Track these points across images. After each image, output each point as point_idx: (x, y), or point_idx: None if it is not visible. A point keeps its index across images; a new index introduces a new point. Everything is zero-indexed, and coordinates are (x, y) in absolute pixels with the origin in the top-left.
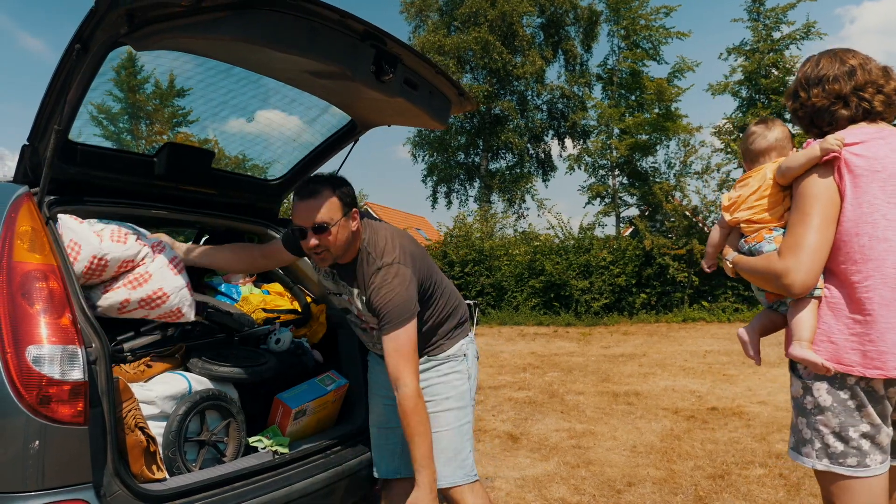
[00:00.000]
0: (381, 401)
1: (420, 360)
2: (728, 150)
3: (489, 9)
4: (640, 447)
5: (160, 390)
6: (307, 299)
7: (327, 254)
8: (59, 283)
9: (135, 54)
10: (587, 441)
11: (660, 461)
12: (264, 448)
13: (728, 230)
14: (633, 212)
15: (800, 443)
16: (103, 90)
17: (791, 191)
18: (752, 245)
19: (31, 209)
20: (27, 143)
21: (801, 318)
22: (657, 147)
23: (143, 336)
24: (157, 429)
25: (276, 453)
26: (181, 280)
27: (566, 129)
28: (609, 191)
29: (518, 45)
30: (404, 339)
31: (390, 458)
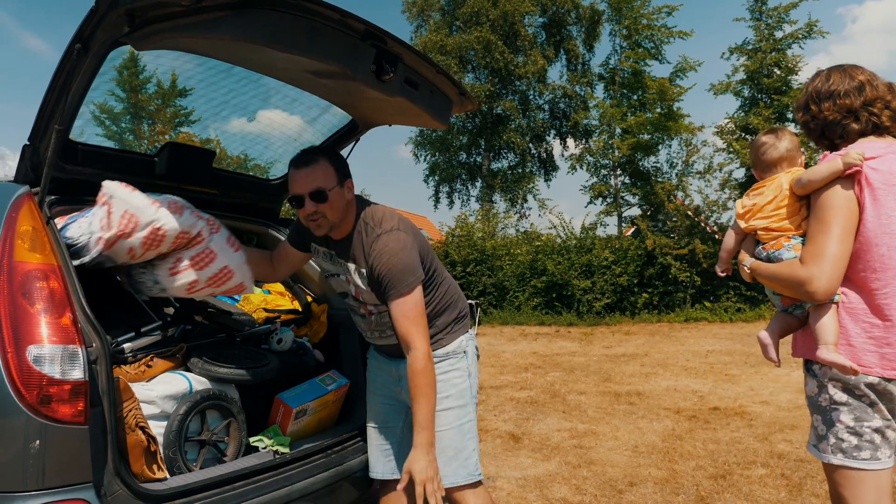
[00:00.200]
0: (379, 399)
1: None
2: (730, 149)
3: (491, 8)
4: (641, 447)
5: (161, 390)
6: (308, 299)
7: (323, 220)
8: (60, 282)
9: (136, 54)
10: (589, 441)
11: (661, 461)
12: (265, 448)
13: (742, 237)
14: (634, 211)
15: (817, 439)
16: (105, 90)
17: (807, 201)
18: (771, 252)
19: (32, 209)
20: (28, 143)
21: (824, 324)
22: (659, 147)
23: (144, 336)
24: (158, 428)
25: (276, 453)
26: (241, 255)
27: (568, 128)
28: (611, 190)
29: (520, 45)
30: (411, 304)
31: (387, 459)
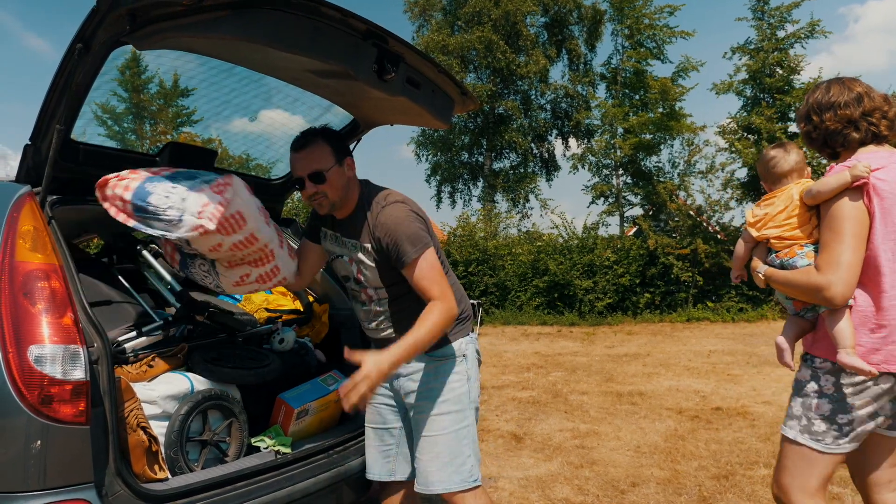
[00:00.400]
0: (377, 399)
1: (416, 356)
2: (732, 149)
3: (493, 8)
4: (643, 447)
5: (162, 390)
6: (309, 299)
7: (325, 200)
8: (61, 282)
9: (139, 54)
10: (591, 441)
11: (664, 461)
12: (266, 448)
13: (753, 245)
14: (636, 211)
15: (789, 417)
16: (107, 90)
17: (817, 210)
18: (785, 260)
19: (34, 209)
20: (29, 143)
21: (841, 328)
22: (661, 146)
23: (145, 336)
24: (160, 428)
25: (278, 453)
26: (286, 250)
27: (570, 128)
28: (613, 190)
29: (522, 45)
30: (426, 266)
31: (385, 460)
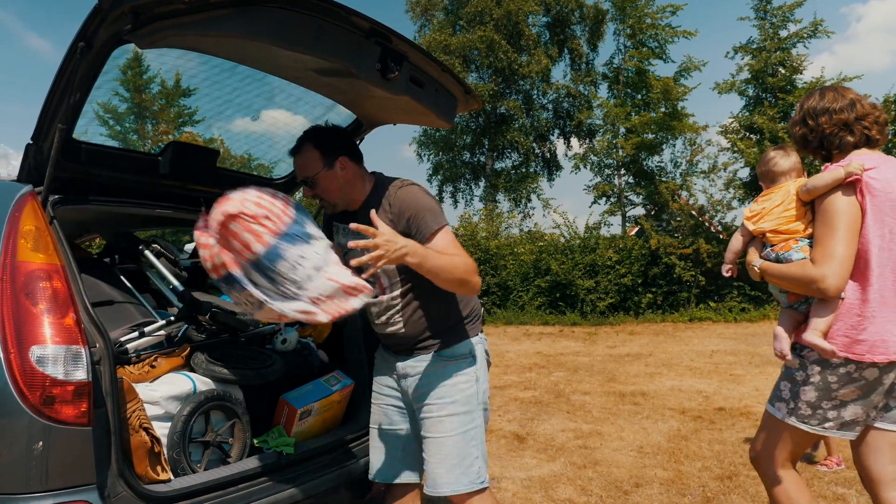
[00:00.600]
0: (384, 400)
1: (424, 356)
2: (735, 149)
3: (495, 8)
4: (647, 448)
5: (165, 391)
6: None
7: (326, 202)
8: (63, 282)
9: (141, 54)
10: (594, 441)
11: (667, 462)
12: (269, 449)
13: (749, 238)
14: (638, 211)
15: (776, 399)
16: (109, 89)
17: (811, 206)
18: (781, 253)
19: (35, 208)
20: (31, 142)
21: (822, 315)
22: (663, 146)
23: (148, 336)
24: (162, 429)
25: (281, 454)
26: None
27: (572, 128)
28: (615, 190)
29: (524, 45)
30: (449, 237)
31: (390, 462)
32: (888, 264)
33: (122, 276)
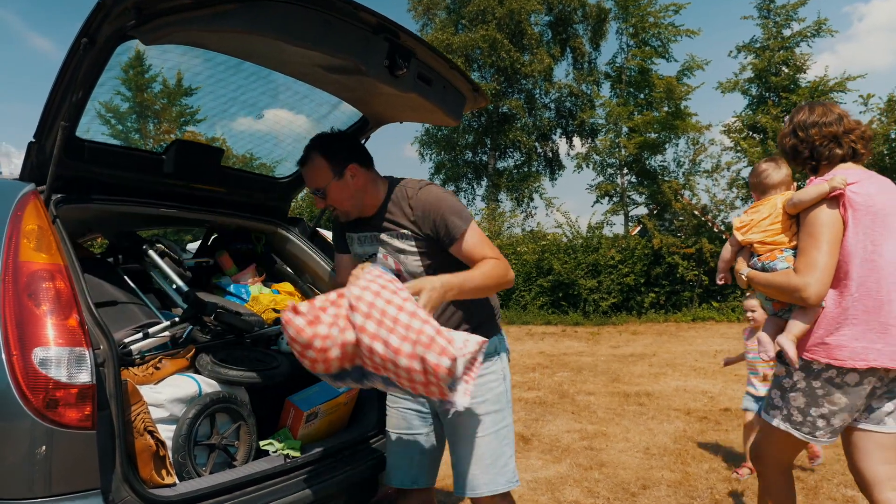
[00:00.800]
0: (403, 403)
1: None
2: (738, 148)
3: (497, 7)
4: (653, 449)
5: (169, 393)
6: None
7: (338, 211)
8: (66, 282)
9: (142, 52)
10: (599, 442)
11: (674, 463)
12: (275, 451)
13: (738, 248)
14: (641, 211)
15: (769, 407)
16: (111, 88)
17: (797, 219)
18: (766, 263)
19: (38, 207)
20: (34, 140)
21: (799, 322)
22: (666, 145)
23: (152, 337)
24: (167, 432)
25: (287, 457)
26: None
27: (574, 127)
28: (617, 189)
29: (526, 44)
30: (478, 235)
31: (408, 467)
32: (869, 274)
33: (125, 277)
